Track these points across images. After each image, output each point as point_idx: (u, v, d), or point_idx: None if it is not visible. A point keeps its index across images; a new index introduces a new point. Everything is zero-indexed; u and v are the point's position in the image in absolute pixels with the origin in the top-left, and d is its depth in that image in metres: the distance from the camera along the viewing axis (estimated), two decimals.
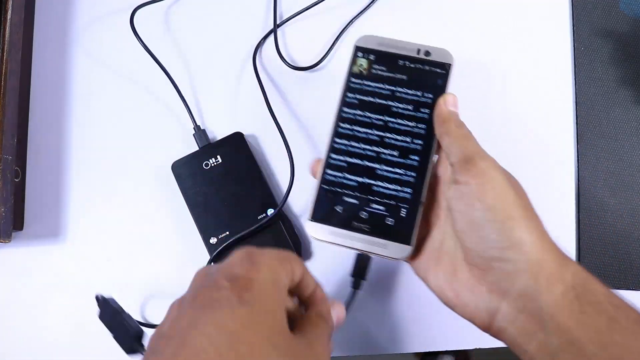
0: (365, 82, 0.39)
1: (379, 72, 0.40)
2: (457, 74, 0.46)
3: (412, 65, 0.40)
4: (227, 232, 0.41)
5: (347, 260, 0.41)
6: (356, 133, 0.38)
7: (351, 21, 0.47)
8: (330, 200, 0.37)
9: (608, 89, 0.46)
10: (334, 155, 0.38)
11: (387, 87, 0.39)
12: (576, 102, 0.46)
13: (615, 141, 0.45)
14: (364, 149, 0.38)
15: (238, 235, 0.40)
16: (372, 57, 0.40)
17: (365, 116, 0.39)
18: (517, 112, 0.45)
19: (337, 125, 0.39)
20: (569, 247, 0.43)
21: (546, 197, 0.44)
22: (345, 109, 0.39)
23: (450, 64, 0.39)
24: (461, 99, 0.45)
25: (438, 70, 0.39)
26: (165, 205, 0.44)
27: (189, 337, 0.24)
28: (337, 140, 0.38)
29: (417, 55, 0.40)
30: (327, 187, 0.38)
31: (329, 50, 0.46)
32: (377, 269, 0.42)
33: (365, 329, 0.42)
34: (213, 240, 0.41)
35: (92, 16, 0.48)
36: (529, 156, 0.44)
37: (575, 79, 0.46)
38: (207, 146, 0.43)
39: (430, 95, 0.39)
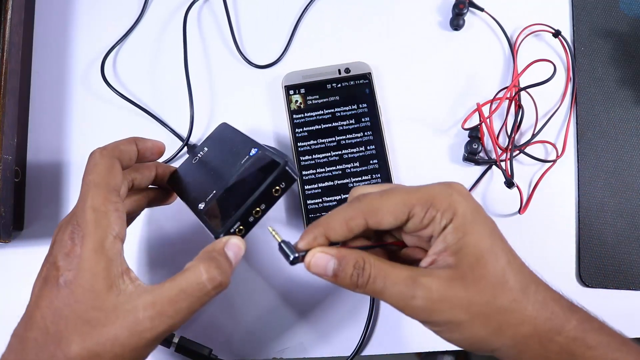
0: (307, 115, 0.44)
1: (314, 102, 0.44)
2: (455, 73, 0.46)
3: (339, 85, 0.44)
4: (214, 191, 0.36)
5: None
6: (317, 161, 0.43)
7: (304, 10, 0.48)
8: None
9: (608, 89, 0.46)
10: (307, 187, 0.42)
11: (326, 111, 0.44)
12: (576, 102, 0.46)
13: (615, 141, 0.45)
14: (330, 171, 0.43)
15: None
16: (302, 90, 0.44)
17: (319, 143, 0.43)
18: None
19: (298, 160, 0.43)
20: (569, 247, 0.43)
21: (546, 196, 0.44)
22: (300, 144, 0.43)
23: (370, 73, 0.45)
24: (461, 99, 0.46)
25: (362, 81, 0.44)
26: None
27: (33, 311, 0.29)
28: (304, 172, 0.43)
29: (339, 75, 0.44)
30: (313, 216, 0.42)
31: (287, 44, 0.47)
32: None
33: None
34: (201, 206, 0.36)
35: (92, 16, 0.48)
36: (528, 156, 0.44)
37: (575, 79, 0.46)
38: (195, 147, 0.42)
39: (365, 105, 0.44)
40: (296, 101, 0.44)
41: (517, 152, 0.44)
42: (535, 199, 0.43)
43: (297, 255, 0.30)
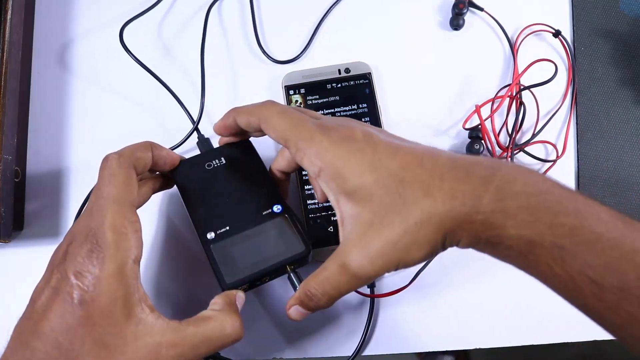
0: None
1: (314, 102, 0.44)
2: (455, 73, 0.46)
3: (339, 85, 0.44)
4: (227, 227, 0.36)
5: None
6: None
7: (328, 11, 0.48)
8: (319, 226, 0.41)
9: (608, 89, 0.46)
10: (307, 186, 0.42)
11: (326, 111, 0.44)
12: (576, 102, 0.46)
13: (615, 141, 0.45)
14: None
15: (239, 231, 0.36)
16: (302, 90, 0.44)
17: None
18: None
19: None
20: None
21: None
22: None
23: (370, 73, 0.44)
24: (461, 99, 0.46)
25: (362, 81, 0.44)
26: (165, 207, 0.44)
27: (41, 320, 0.28)
28: (304, 172, 0.42)
29: (339, 75, 0.44)
30: (313, 216, 0.42)
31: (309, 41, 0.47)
32: None
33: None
34: (210, 235, 0.36)
35: (92, 16, 0.48)
36: (529, 156, 0.44)
37: (575, 79, 0.46)
38: (211, 150, 0.40)
39: (365, 105, 0.44)
40: (296, 101, 0.44)
41: (518, 150, 0.44)
42: None
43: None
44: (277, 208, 0.37)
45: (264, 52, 0.46)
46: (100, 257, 0.29)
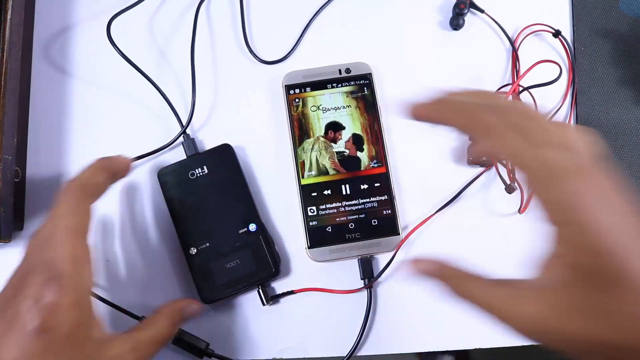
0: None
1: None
2: (456, 73, 0.46)
3: (339, 85, 0.44)
4: (207, 244, 0.40)
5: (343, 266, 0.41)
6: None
7: (317, 12, 0.48)
8: (318, 227, 0.41)
9: (608, 89, 0.46)
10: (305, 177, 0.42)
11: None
12: (576, 102, 0.46)
13: (615, 141, 0.45)
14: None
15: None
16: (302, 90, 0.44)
17: None
18: None
19: (296, 156, 0.42)
20: None
21: None
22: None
23: (370, 73, 0.44)
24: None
25: (362, 81, 0.44)
26: (157, 210, 0.44)
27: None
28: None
29: (340, 75, 0.44)
30: (311, 220, 0.42)
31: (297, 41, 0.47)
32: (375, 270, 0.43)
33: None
34: (192, 251, 0.40)
35: (92, 16, 0.48)
36: None
37: (575, 79, 0.46)
38: (195, 155, 0.42)
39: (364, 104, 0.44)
40: (296, 100, 0.44)
41: None
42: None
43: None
44: (252, 227, 0.41)
45: (251, 51, 0.46)
46: (61, 286, 0.30)
